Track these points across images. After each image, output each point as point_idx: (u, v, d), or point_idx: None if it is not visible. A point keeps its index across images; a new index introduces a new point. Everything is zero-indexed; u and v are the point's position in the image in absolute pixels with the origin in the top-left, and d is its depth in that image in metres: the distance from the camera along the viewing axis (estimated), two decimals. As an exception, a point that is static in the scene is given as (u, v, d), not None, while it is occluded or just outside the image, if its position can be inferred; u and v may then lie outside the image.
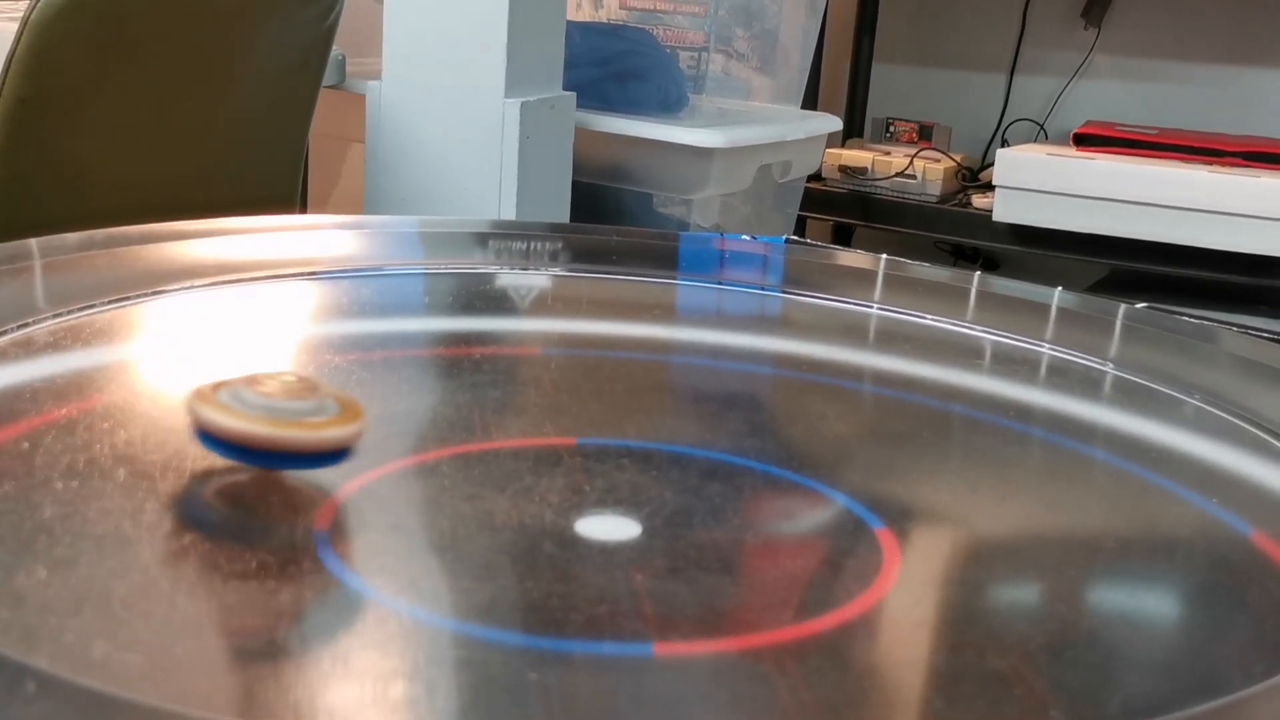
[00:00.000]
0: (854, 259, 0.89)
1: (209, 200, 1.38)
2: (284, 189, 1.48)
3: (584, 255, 0.82)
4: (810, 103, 2.18)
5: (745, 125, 1.75)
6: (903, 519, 0.47)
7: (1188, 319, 0.77)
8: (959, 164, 2.22)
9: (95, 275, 0.66)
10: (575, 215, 1.62)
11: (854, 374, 0.68)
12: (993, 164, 2.07)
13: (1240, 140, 2.01)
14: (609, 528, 0.44)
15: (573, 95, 1.59)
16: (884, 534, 0.46)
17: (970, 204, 2.12)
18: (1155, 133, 2.03)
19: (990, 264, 2.36)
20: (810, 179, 2.08)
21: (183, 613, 0.37)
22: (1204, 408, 0.61)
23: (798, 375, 0.67)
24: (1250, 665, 0.39)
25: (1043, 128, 2.33)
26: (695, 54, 1.82)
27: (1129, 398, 0.64)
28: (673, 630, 0.38)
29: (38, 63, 1.15)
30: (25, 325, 0.57)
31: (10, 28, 1.16)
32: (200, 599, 0.38)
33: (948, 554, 0.47)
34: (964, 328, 0.72)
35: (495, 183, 1.51)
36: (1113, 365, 0.67)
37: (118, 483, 0.44)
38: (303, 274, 0.72)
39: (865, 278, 0.85)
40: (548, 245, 0.83)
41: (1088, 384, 0.66)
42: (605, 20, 1.89)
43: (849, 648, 0.39)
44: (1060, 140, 2.15)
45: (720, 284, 0.81)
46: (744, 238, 0.94)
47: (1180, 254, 1.88)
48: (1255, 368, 0.68)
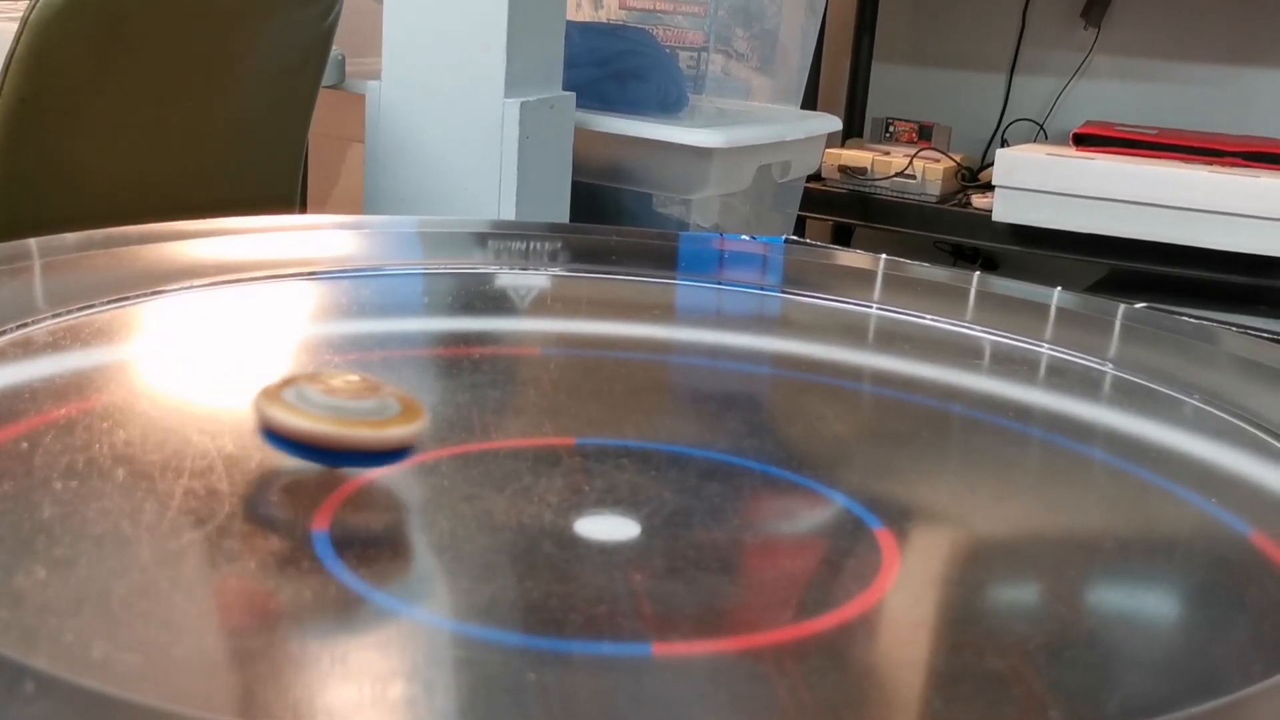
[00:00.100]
0: (853, 259, 0.89)
1: (208, 200, 1.38)
2: (284, 189, 1.48)
3: (583, 255, 0.82)
4: (810, 103, 2.18)
5: (745, 125, 1.75)
6: (902, 519, 0.47)
7: (1187, 319, 0.77)
8: (958, 164, 2.22)
9: (94, 275, 0.66)
10: (575, 215, 1.62)
11: (853, 374, 0.68)
12: (992, 164, 2.07)
13: (1240, 140, 2.01)
14: (608, 528, 0.44)
15: (572, 95, 1.59)
16: (883, 534, 0.46)
17: (970, 204, 2.12)
18: (1155, 133, 2.03)
19: (990, 264, 2.36)
20: (810, 179, 2.08)
21: (182, 613, 0.37)
22: (1203, 408, 0.61)
23: (797, 375, 0.67)
24: (1249, 665, 0.39)
25: (1042, 128, 2.33)
26: (695, 54, 1.82)
27: (1128, 398, 0.64)
28: (672, 630, 0.38)
29: (37, 62, 1.15)
30: (24, 325, 0.57)
31: (10, 28, 1.16)
32: (199, 599, 0.38)
33: (947, 554, 0.47)
34: (963, 328, 0.72)
35: (495, 183, 1.51)
36: (1112, 365, 0.67)
37: (117, 483, 0.44)
38: (302, 274, 0.72)
39: (865, 278, 0.85)
40: (547, 245, 0.83)
41: (1087, 384, 0.66)
42: (605, 20, 1.89)
43: (848, 648, 0.39)
44: (1060, 140, 2.15)
45: (720, 284, 0.81)
46: (743, 238, 0.94)
47: (1180, 254, 1.88)
48: (1255, 368, 0.68)
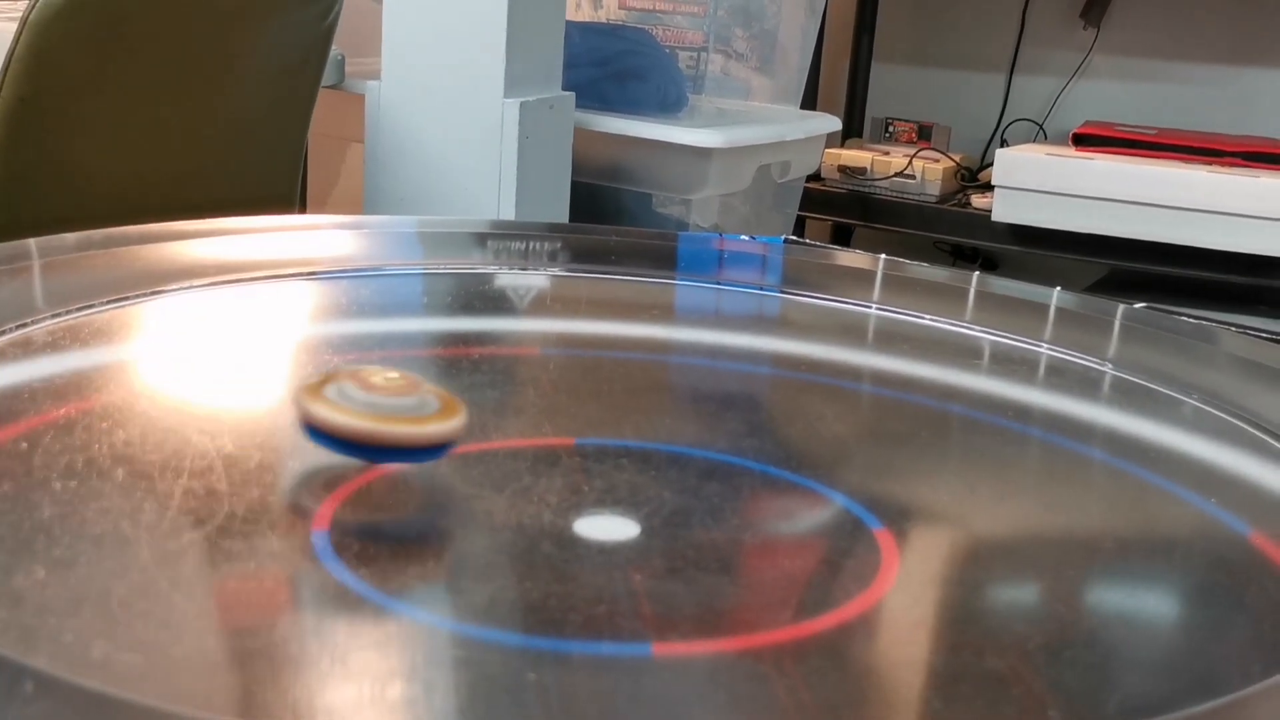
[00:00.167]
0: (853, 259, 0.89)
1: (208, 200, 1.38)
2: (283, 189, 1.48)
3: (583, 255, 0.82)
4: (809, 103, 2.18)
5: (744, 125, 1.75)
6: (901, 519, 0.47)
7: (1186, 319, 0.77)
8: (958, 164, 2.22)
9: (94, 275, 0.66)
10: (574, 215, 1.62)
11: (853, 374, 0.68)
12: (992, 164, 2.07)
13: (1239, 140, 2.01)
14: (608, 528, 0.44)
15: (572, 95, 1.59)
16: (882, 534, 0.46)
17: (969, 204, 2.12)
18: (1154, 133, 2.03)
19: (989, 264, 2.36)
20: (809, 179, 2.08)
21: (181, 613, 0.37)
22: (1202, 408, 0.61)
23: (796, 375, 0.67)
24: (1249, 665, 0.39)
25: (1042, 128, 2.33)
26: (694, 54, 1.82)
27: (1128, 398, 0.64)
28: (671, 630, 0.38)
29: (37, 62, 1.15)
30: (24, 325, 0.57)
31: (10, 28, 1.16)
32: (199, 599, 0.38)
33: (946, 554, 0.47)
34: (963, 328, 0.72)
35: (494, 183, 1.51)
36: (1111, 365, 0.67)
37: (116, 483, 0.44)
38: (302, 274, 0.72)
39: (864, 278, 0.85)
40: (547, 245, 0.83)
41: (1086, 384, 0.66)
42: (604, 20, 1.89)
43: (847, 648, 0.39)
44: (1059, 140, 2.15)
45: (719, 284, 0.81)
46: (743, 238, 0.94)
47: (1179, 254, 1.88)
48: (1254, 368, 0.68)
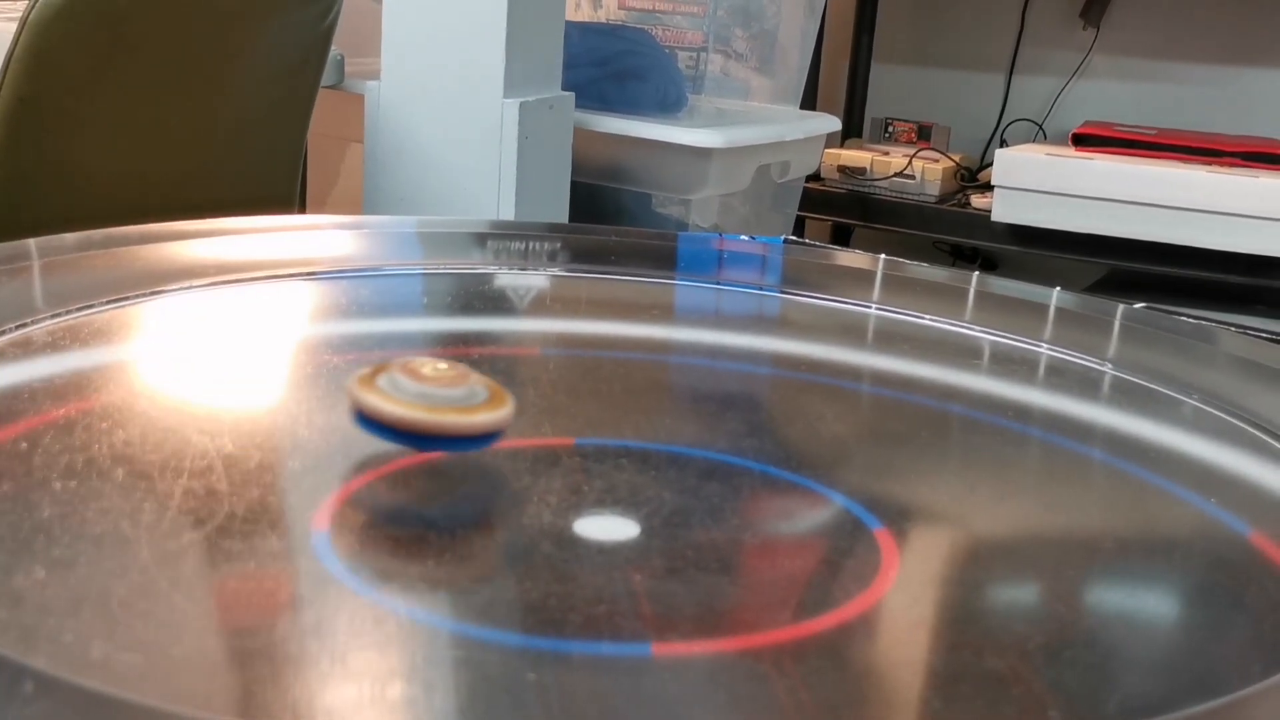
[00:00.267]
0: (852, 259, 0.89)
1: (208, 200, 1.38)
2: (283, 189, 1.48)
3: (582, 255, 0.82)
4: (809, 103, 2.18)
5: (744, 125, 1.75)
6: (901, 519, 0.47)
7: (1186, 319, 0.77)
8: (958, 164, 2.22)
9: (94, 275, 0.66)
10: (574, 215, 1.62)
11: (852, 374, 0.68)
12: (991, 164, 2.07)
13: (1238, 140, 2.01)
14: (607, 528, 0.44)
15: (571, 95, 1.59)
16: (882, 534, 0.46)
17: (969, 204, 2.12)
18: (1154, 133, 2.03)
19: (989, 264, 2.36)
20: (809, 179, 2.08)
21: (181, 613, 0.37)
22: (1202, 408, 0.61)
23: (796, 375, 0.67)
24: (1248, 665, 0.39)
25: (1041, 128, 2.33)
26: (694, 54, 1.82)
27: (1127, 398, 0.64)
28: (671, 630, 0.38)
29: (36, 63, 1.15)
30: (24, 325, 0.57)
31: (9, 28, 1.16)
32: (199, 599, 0.38)
33: (946, 554, 0.47)
34: (962, 328, 0.72)
35: (494, 183, 1.51)
36: (1111, 365, 0.67)
37: (116, 483, 0.44)
38: (301, 274, 0.72)
39: (864, 278, 0.85)
40: (546, 245, 0.83)
41: (1086, 384, 0.66)
42: (604, 20, 1.89)
43: (847, 648, 0.39)
44: (1059, 140, 2.15)
45: (719, 284, 0.81)
46: (742, 238, 0.94)
47: (1179, 254, 1.88)
48: (1253, 368, 0.68)
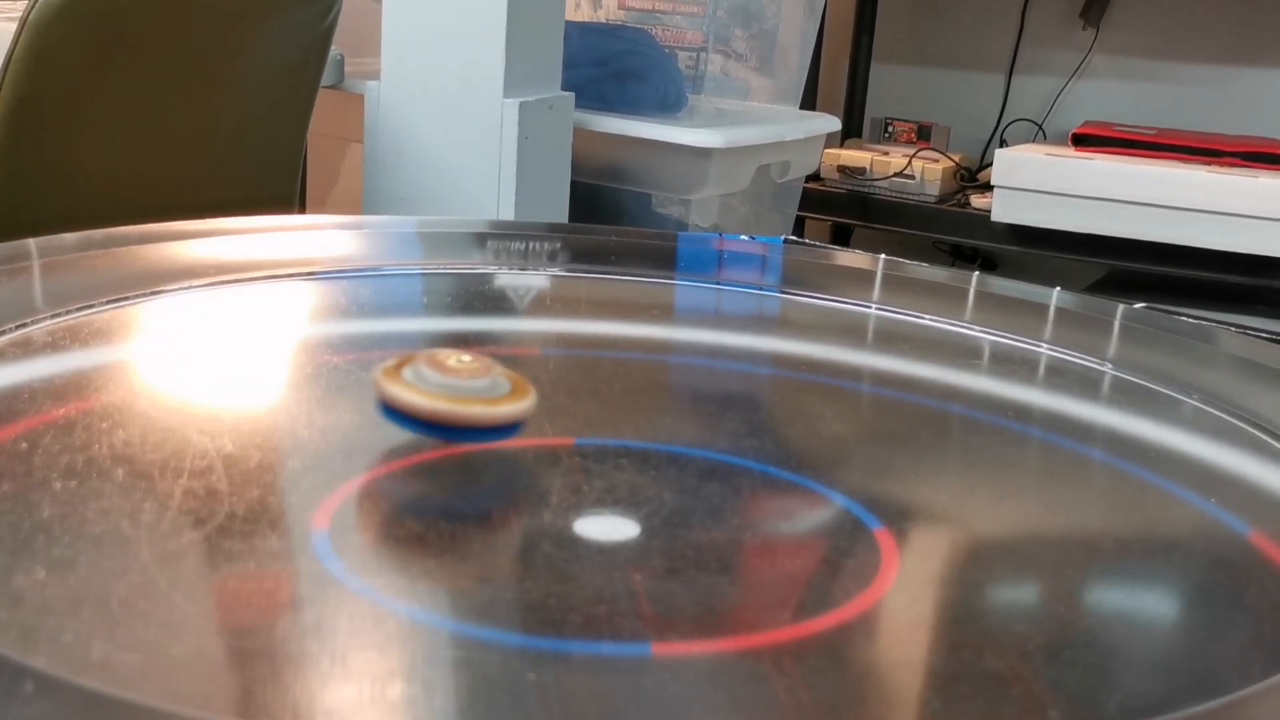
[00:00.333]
0: (852, 259, 0.89)
1: (208, 200, 1.38)
2: (283, 189, 1.48)
3: (582, 255, 0.82)
4: (809, 103, 2.18)
5: (744, 125, 1.75)
6: (901, 519, 0.47)
7: (1186, 319, 0.77)
8: (957, 164, 2.22)
9: (93, 275, 0.66)
10: (574, 215, 1.62)
11: (852, 374, 0.68)
12: (991, 164, 2.07)
13: (1238, 140, 2.01)
14: (607, 528, 0.44)
15: (571, 95, 1.59)
16: (882, 534, 0.46)
17: (969, 204, 2.12)
18: (1154, 133, 2.03)
19: (989, 264, 2.36)
20: (809, 179, 2.08)
21: (181, 613, 0.37)
22: (1202, 408, 0.61)
23: (796, 375, 0.67)
24: (1248, 665, 0.39)
25: (1041, 128, 2.33)
26: (694, 54, 1.82)
27: (1127, 398, 0.64)
28: (671, 630, 0.38)
29: (36, 62, 1.15)
30: (24, 325, 0.57)
31: (9, 27, 1.16)
32: (199, 599, 0.38)
33: (946, 554, 0.47)
34: (962, 328, 0.72)
35: (494, 183, 1.51)
36: (1111, 365, 0.67)
37: (116, 483, 0.44)
38: (301, 274, 0.72)
39: (864, 278, 0.85)
40: (546, 245, 0.83)
41: (1086, 384, 0.66)
42: (604, 20, 1.89)
43: (847, 648, 0.39)
44: (1059, 140, 2.15)
45: (719, 284, 0.81)
46: (742, 238, 0.94)
47: (1178, 254, 1.88)
48: (1253, 368, 0.68)
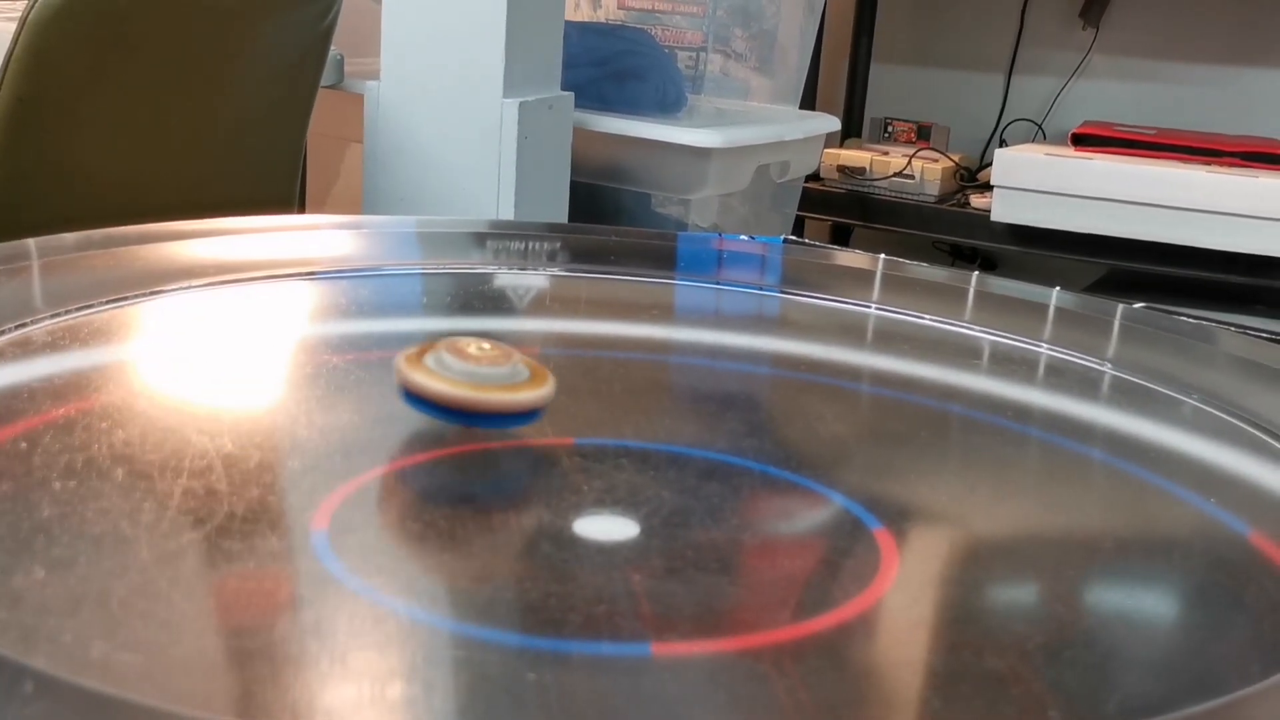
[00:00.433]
0: (852, 259, 0.89)
1: (207, 200, 1.38)
2: (282, 189, 1.48)
3: (582, 255, 0.82)
4: (808, 103, 2.18)
5: (743, 125, 1.75)
6: (901, 519, 0.47)
7: (1186, 319, 0.77)
8: (957, 164, 2.22)
9: (93, 275, 0.66)
10: (573, 215, 1.62)
11: (852, 374, 0.68)
12: (991, 164, 2.07)
13: (1238, 140, 2.01)
14: (607, 528, 0.44)
15: (571, 95, 1.59)
16: (882, 534, 0.46)
17: (968, 204, 2.12)
18: (1153, 133, 2.03)
19: (988, 264, 2.36)
20: (808, 179, 2.08)
21: (181, 613, 0.37)
22: (1202, 408, 0.61)
23: (796, 375, 0.67)
24: (1248, 665, 0.39)
25: (1041, 128, 2.33)
26: (693, 54, 1.82)
27: (1127, 398, 0.64)
28: (670, 630, 0.38)
29: (36, 62, 1.15)
30: (23, 325, 0.57)
31: (9, 27, 1.16)
32: (198, 599, 0.38)
33: (945, 554, 0.47)
34: (962, 328, 0.72)
35: (493, 183, 1.51)
36: (1111, 365, 0.67)
37: (115, 483, 0.44)
38: (301, 274, 0.72)
39: (863, 278, 0.85)
40: (546, 245, 0.83)
41: (1086, 384, 0.66)
42: (603, 20, 1.89)
43: (847, 648, 0.39)
44: (1058, 140, 2.15)
45: (718, 284, 0.81)
46: (742, 238, 0.94)
47: (1178, 254, 1.88)
48: (1253, 368, 0.68)
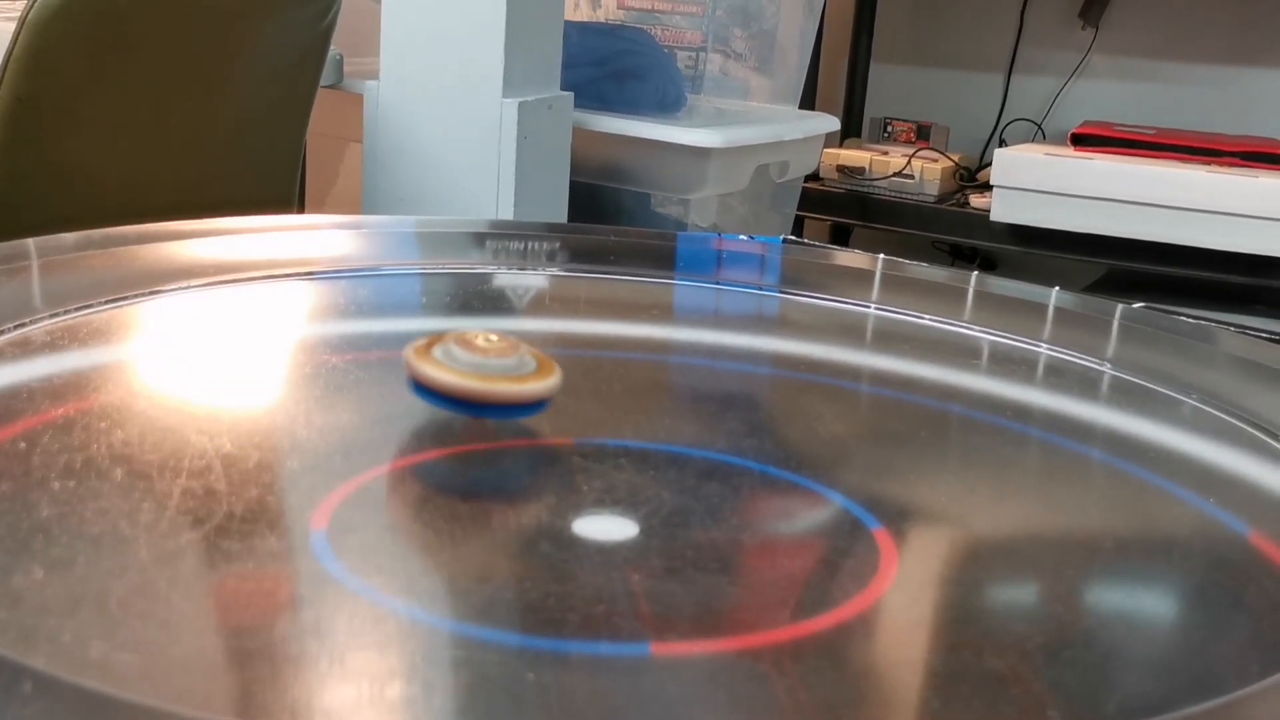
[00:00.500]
0: (851, 259, 0.89)
1: (207, 200, 1.38)
2: (282, 189, 1.48)
3: (582, 255, 0.82)
4: (808, 102, 2.18)
5: (743, 125, 1.75)
6: (900, 519, 0.47)
7: (1185, 319, 0.77)
8: (957, 164, 2.22)
9: (92, 275, 0.66)
10: (573, 215, 1.62)
11: (852, 374, 0.68)
12: (990, 164, 2.07)
13: (1238, 140, 2.01)
14: (606, 528, 0.44)
15: (570, 95, 1.59)
16: (881, 534, 0.46)
17: (968, 204, 2.12)
18: (1153, 133, 2.03)
19: (988, 264, 2.36)
20: (808, 179, 2.08)
21: (180, 613, 0.37)
22: (1201, 408, 0.61)
23: (795, 375, 0.67)
24: (1247, 665, 0.39)
25: (1040, 128, 2.33)
26: (693, 54, 1.82)
27: (1127, 398, 0.64)
28: (670, 630, 0.38)
29: (35, 62, 1.15)
30: (22, 325, 0.57)
31: (8, 27, 1.16)
32: (197, 599, 0.38)
33: (945, 554, 0.47)
34: (962, 328, 0.72)
35: (493, 183, 1.51)
36: (1110, 365, 0.67)
37: (115, 483, 0.44)
38: (300, 274, 0.72)
39: (863, 278, 0.85)
40: (545, 245, 0.83)
41: (1085, 384, 0.66)
42: (603, 20, 1.89)
43: (846, 648, 0.39)
44: (1058, 140, 2.15)
45: (718, 284, 0.81)
46: (741, 238, 0.94)
47: (1178, 254, 1.88)
48: (1253, 368, 0.68)
